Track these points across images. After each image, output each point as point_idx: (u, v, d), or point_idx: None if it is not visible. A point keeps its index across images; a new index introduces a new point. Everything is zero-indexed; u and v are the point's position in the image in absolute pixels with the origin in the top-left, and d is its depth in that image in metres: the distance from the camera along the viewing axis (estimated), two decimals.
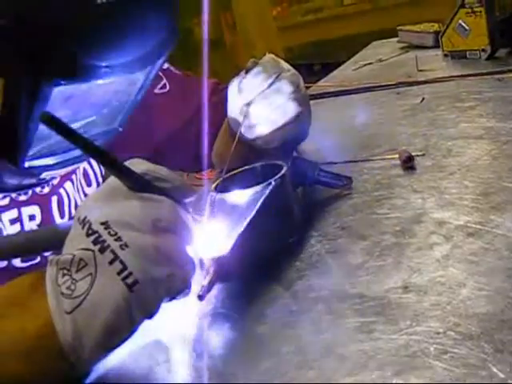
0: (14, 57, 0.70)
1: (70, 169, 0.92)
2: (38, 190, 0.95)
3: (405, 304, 0.65)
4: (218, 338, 0.71)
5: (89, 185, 1.06)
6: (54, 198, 0.97)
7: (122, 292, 0.61)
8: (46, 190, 0.96)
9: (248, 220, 0.79)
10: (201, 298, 0.71)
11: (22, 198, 0.92)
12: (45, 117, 0.60)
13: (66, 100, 0.76)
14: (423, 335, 0.60)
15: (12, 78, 0.72)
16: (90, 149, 0.65)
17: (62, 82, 0.71)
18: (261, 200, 0.81)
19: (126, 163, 0.67)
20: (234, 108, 1.03)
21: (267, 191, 0.83)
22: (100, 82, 0.73)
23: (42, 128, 0.72)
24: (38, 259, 0.92)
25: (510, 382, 0.51)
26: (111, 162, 0.66)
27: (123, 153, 0.70)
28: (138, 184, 0.66)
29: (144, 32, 0.74)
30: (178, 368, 0.68)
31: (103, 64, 0.71)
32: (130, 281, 0.61)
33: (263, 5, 5.23)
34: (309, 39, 5.16)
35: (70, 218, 0.99)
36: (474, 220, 0.78)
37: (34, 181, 0.90)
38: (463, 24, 1.62)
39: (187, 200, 0.70)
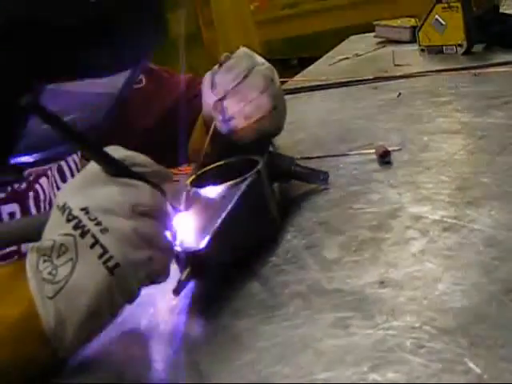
0: (9, 56, 0.69)
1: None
2: (15, 186, 0.94)
3: (381, 299, 0.65)
4: (193, 334, 0.71)
5: (64, 180, 1.05)
6: (31, 195, 0.96)
7: (103, 275, 0.62)
8: (24, 186, 0.95)
9: (224, 215, 0.78)
10: (176, 293, 0.71)
11: (1, 195, 0.91)
12: (29, 104, 0.60)
13: (54, 96, 0.75)
14: (399, 330, 0.60)
15: (7, 77, 0.71)
16: (71, 133, 0.65)
17: (57, 80, 0.70)
18: (236, 195, 0.81)
19: (105, 149, 0.67)
20: (207, 103, 1.02)
21: (243, 186, 0.82)
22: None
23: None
24: (16, 258, 0.91)
25: (485, 376, 0.51)
26: (92, 147, 0.67)
27: None
28: (118, 169, 0.66)
29: (139, 30, 0.73)
30: (153, 363, 0.68)
31: (98, 64, 0.70)
32: (110, 264, 0.62)
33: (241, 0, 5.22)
34: (286, 34, 5.16)
35: None
36: (450, 215, 0.78)
37: (11, 178, 0.89)
38: (439, 19, 1.63)
39: (165, 186, 0.70)
